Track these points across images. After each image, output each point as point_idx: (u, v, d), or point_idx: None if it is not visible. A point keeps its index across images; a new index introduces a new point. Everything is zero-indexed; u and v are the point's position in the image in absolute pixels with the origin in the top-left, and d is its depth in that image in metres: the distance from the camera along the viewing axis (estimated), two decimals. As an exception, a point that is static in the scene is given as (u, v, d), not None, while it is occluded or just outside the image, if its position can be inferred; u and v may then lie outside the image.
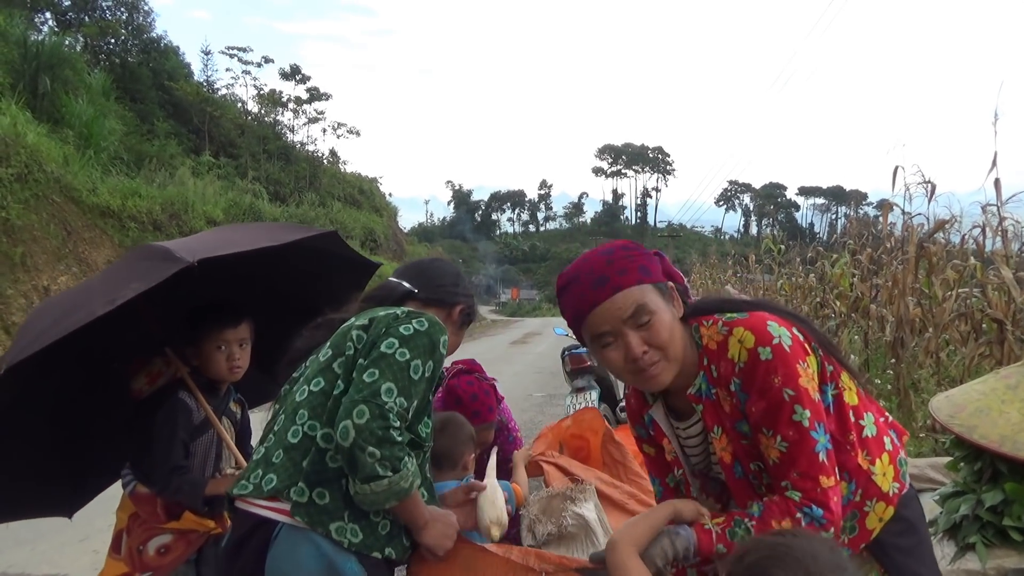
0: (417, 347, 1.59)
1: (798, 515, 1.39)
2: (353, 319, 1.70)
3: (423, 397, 1.62)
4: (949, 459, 2.00)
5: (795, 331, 1.48)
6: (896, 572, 1.58)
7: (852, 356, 7.48)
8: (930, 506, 2.05)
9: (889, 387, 5.87)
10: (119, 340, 2.27)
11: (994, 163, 5.02)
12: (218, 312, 2.41)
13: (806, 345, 1.48)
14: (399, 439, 1.50)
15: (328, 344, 1.69)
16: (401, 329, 1.60)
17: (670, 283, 1.56)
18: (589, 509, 2.25)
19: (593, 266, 1.52)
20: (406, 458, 1.52)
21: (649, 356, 1.47)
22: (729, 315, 1.52)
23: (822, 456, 1.41)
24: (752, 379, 1.43)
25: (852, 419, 1.55)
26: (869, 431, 1.58)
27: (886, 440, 1.61)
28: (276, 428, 1.67)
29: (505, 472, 2.65)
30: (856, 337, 8.03)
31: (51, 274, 11.39)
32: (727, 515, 1.45)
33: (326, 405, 1.60)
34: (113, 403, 2.41)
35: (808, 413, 1.41)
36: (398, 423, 1.51)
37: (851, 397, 1.57)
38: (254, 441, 2.15)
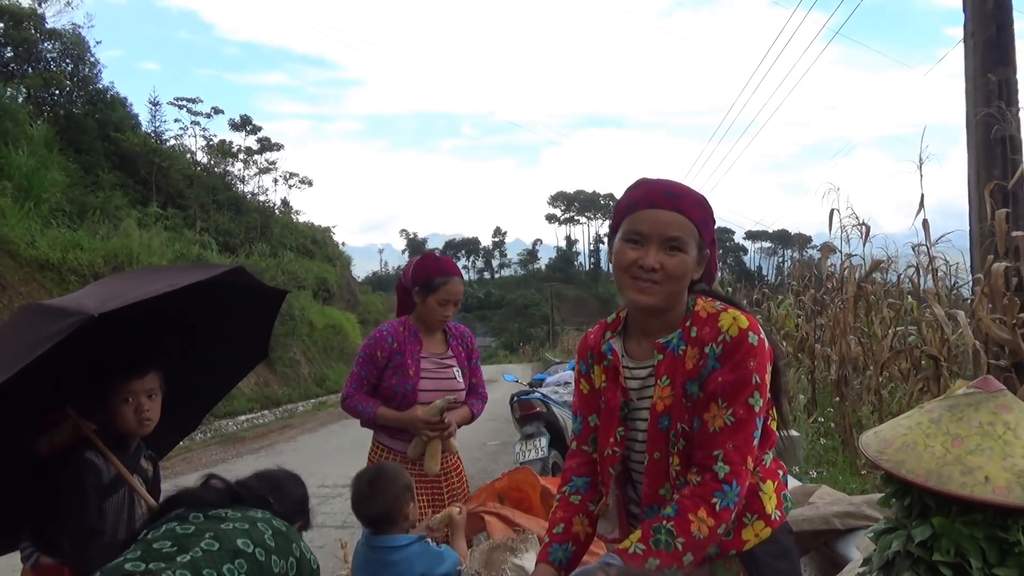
0: None
1: (713, 500, 1.49)
2: (271, 516, 1.90)
3: None
4: (881, 496, 2.02)
5: (770, 352, 1.63)
6: None
7: (800, 396, 7.61)
8: (865, 543, 2.06)
9: (833, 425, 5.96)
10: (22, 398, 2.16)
11: (921, 205, 5.23)
12: (123, 363, 2.31)
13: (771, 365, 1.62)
14: None
15: (269, 528, 1.83)
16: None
17: (708, 252, 1.67)
18: (530, 559, 2.20)
19: (675, 184, 1.65)
20: None
21: (655, 275, 1.57)
22: (726, 305, 1.65)
23: (754, 442, 1.56)
24: (733, 353, 1.55)
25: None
26: (767, 459, 1.69)
27: (779, 472, 1.72)
28: (206, 547, 1.69)
29: None
30: (803, 377, 8.17)
31: (-16, 330, 10.93)
32: (641, 528, 1.50)
33: None
34: (9, 466, 2.27)
35: (760, 403, 1.55)
36: None
37: (771, 426, 1.69)
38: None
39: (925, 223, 5.37)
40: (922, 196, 5.19)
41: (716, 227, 1.73)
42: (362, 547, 2.29)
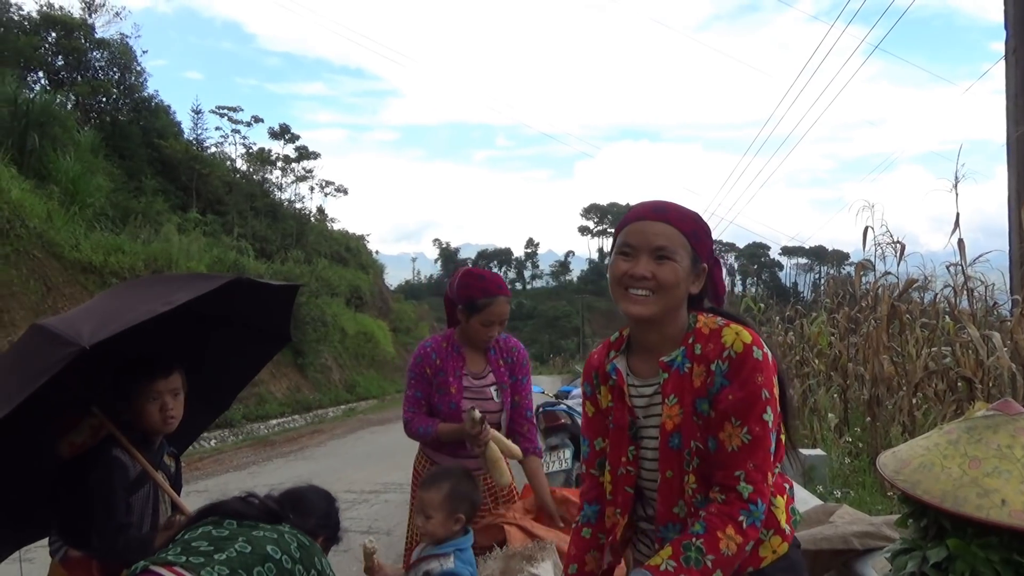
0: None
1: (740, 518, 1.51)
2: (299, 532, 1.94)
3: None
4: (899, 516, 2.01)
5: (775, 365, 1.64)
6: None
7: (830, 415, 7.49)
8: (882, 564, 2.04)
9: (862, 445, 5.86)
10: (41, 403, 2.25)
11: (956, 224, 5.15)
12: (149, 364, 2.39)
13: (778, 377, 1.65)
14: None
15: (294, 540, 1.88)
16: None
17: (705, 267, 1.69)
18: (547, 569, 2.22)
19: (666, 202, 1.70)
20: None
21: (645, 284, 1.60)
22: (728, 320, 1.66)
23: (772, 456, 1.57)
24: (740, 370, 1.56)
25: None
26: (776, 470, 1.69)
27: (786, 487, 1.72)
28: (240, 549, 1.77)
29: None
30: (835, 396, 8.05)
31: (28, 329, 11.27)
32: (671, 545, 1.52)
33: None
34: (34, 466, 2.35)
35: (772, 418, 1.57)
36: None
37: (780, 440, 1.69)
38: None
39: (960, 242, 5.28)
40: (957, 215, 5.12)
41: (752, 242, 1.75)
42: None
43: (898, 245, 6.53)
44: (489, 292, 2.96)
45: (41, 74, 22.59)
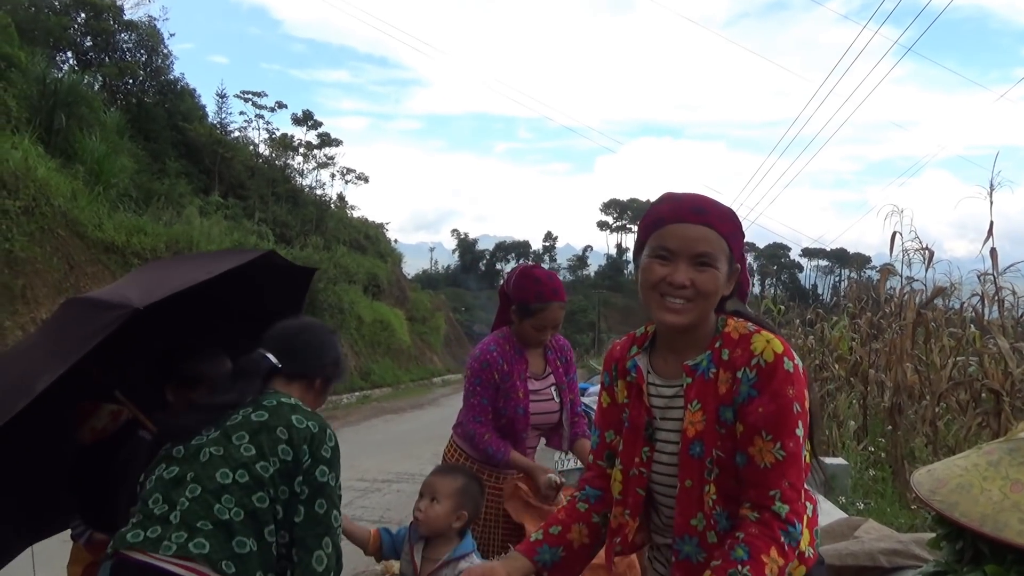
0: (336, 463, 1.87)
1: (782, 539, 1.44)
2: (252, 411, 1.84)
3: None
4: (932, 536, 1.94)
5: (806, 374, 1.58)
6: None
7: (850, 422, 7.40)
8: (912, 585, 1.98)
9: (883, 455, 5.77)
10: (60, 390, 2.24)
11: (990, 232, 5.03)
12: (193, 349, 2.38)
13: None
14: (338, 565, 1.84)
15: (245, 434, 1.80)
16: (323, 452, 1.84)
17: (739, 267, 1.62)
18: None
19: (702, 199, 1.60)
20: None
21: (684, 292, 1.52)
22: (758, 327, 1.60)
23: (803, 473, 1.51)
24: (770, 380, 1.48)
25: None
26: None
27: (808, 506, 1.63)
28: (191, 495, 1.73)
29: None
30: (854, 402, 7.94)
31: (50, 307, 11.38)
32: (712, 573, 1.44)
33: (253, 506, 1.74)
34: (54, 456, 2.35)
35: (803, 433, 1.50)
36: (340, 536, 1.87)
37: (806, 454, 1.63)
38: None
39: (993, 251, 5.17)
40: (991, 223, 5.00)
41: (772, 242, 1.70)
42: None
43: (926, 251, 6.40)
44: (544, 297, 2.90)
45: (70, 54, 22.80)
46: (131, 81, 23.83)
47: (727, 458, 1.53)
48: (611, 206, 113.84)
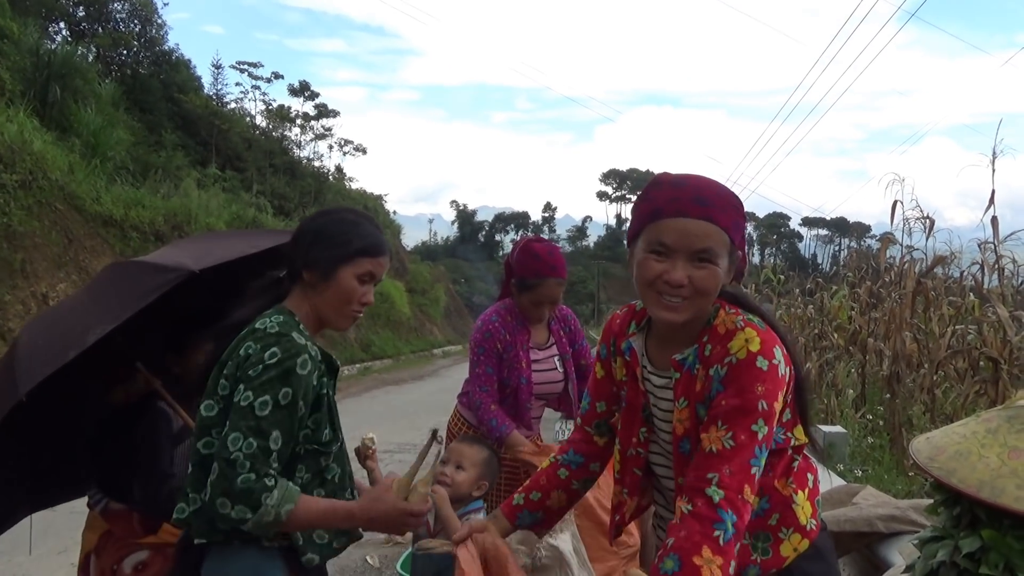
0: (263, 384, 1.62)
1: (715, 533, 1.33)
2: (204, 413, 1.73)
3: (289, 420, 1.64)
4: (930, 502, 1.97)
5: (790, 370, 1.50)
6: None
7: (849, 390, 7.44)
8: (908, 550, 2.01)
9: (881, 423, 5.82)
10: (90, 357, 2.26)
11: (991, 201, 5.02)
12: (203, 321, 2.38)
13: (788, 386, 1.50)
14: (243, 486, 1.57)
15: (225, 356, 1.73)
16: (250, 372, 1.64)
17: (740, 254, 1.52)
18: (565, 540, 2.21)
19: (703, 185, 1.48)
20: (263, 494, 1.57)
21: (682, 291, 1.45)
22: (751, 317, 1.52)
23: (754, 470, 1.41)
24: (738, 376, 1.43)
25: (789, 453, 1.58)
26: (796, 464, 1.61)
27: (809, 477, 1.63)
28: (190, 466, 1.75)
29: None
30: (853, 371, 7.98)
31: (50, 281, 11.38)
32: None
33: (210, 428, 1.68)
34: (79, 417, 2.38)
35: (765, 431, 1.42)
36: (247, 466, 1.57)
37: (798, 435, 1.59)
38: None
39: (994, 220, 5.16)
40: (992, 192, 4.98)
41: (772, 212, 1.65)
42: None
43: (927, 220, 6.39)
44: (540, 274, 2.91)
45: (63, 25, 22.53)
46: (125, 52, 23.58)
47: None
48: (611, 176, 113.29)
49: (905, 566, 1.76)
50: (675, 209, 1.44)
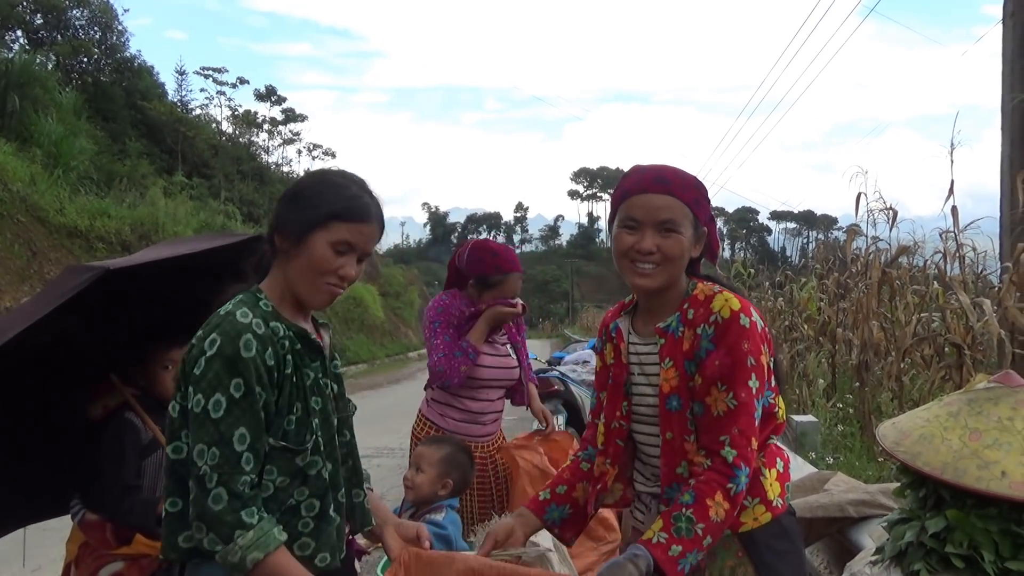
0: (211, 382, 1.46)
1: (729, 485, 1.56)
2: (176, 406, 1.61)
3: (251, 412, 1.48)
4: (897, 485, 2.03)
5: (767, 333, 1.69)
6: (765, 570, 1.68)
7: (819, 380, 7.57)
8: (878, 533, 2.06)
9: (852, 411, 5.93)
10: (61, 371, 2.22)
11: (951, 191, 5.14)
12: (164, 331, 2.36)
13: (768, 346, 1.69)
14: (216, 508, 1.43)
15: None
16: (196, 370, 1.48)
17: (705, 230, 1.73)
18: (544, 535, 2.23)
19: (665, 169, 1.70)
20: (237, 530, 1.43)
21: (652, 258, 1.65)
22: (723, 288, 1.71)
23: (756, 422, 1.62)
24: (725, 335, 1.61)
25: (771, 427, 1.73)
26: (769, 442, 1.76)
27: (779, 461, 1.77)
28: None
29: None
30: (823, 361, 8.11)
31: (14, 295, 11.15)
32: (662, 518, 1.57)
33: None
34: (58, 432, 2.35)
35: (758, 385, 1.61)
36: (215, 480, 1.43)
37: (781, 406, 1.76)
38: None
39: (954, 209, 5.28)
40: (951, 183, 5.10)
41: (741, 206, 1.76)
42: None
43: (890, 211, 6.52)
44: (503, 269, 2.95)
45: (20, 33, 22.06)
46: (86, 60, 23.18)
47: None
48: (581, 174, 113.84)
49: (875, 548, 1.81)
50: (640, 188, 1.67)
